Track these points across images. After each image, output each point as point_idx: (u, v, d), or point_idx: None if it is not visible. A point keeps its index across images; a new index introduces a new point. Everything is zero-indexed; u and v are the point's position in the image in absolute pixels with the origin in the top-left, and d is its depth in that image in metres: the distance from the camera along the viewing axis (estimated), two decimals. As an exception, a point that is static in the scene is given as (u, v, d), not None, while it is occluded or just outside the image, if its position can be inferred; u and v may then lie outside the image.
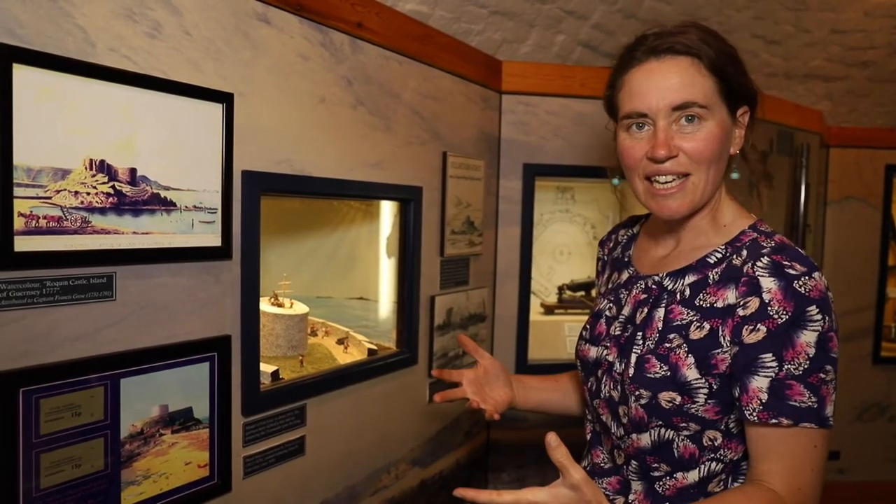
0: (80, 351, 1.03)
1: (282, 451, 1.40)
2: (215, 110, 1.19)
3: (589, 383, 1.13)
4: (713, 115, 0.96)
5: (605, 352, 1.08)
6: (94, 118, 1.01)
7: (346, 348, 1.73)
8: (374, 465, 1.67)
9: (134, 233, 1.08)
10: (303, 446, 1.45)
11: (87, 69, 1.00)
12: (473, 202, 1.99)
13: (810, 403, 0.86)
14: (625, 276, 1.15)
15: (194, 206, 1.17)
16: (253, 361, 1.30)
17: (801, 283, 0.88)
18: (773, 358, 0.88)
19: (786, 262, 0.90)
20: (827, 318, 0.88)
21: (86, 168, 1.01)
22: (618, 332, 1.07)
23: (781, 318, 0.87)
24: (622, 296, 1.11)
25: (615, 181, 1.03)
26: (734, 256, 0.97)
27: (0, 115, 0.90)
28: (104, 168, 1.03)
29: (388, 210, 1.88)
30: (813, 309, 0.87)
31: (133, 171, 1.07)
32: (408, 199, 1.72)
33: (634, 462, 1.03)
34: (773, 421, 0.87)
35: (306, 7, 1.36)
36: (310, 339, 1.76)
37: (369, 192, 1.60)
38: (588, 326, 1.17)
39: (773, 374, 0.88)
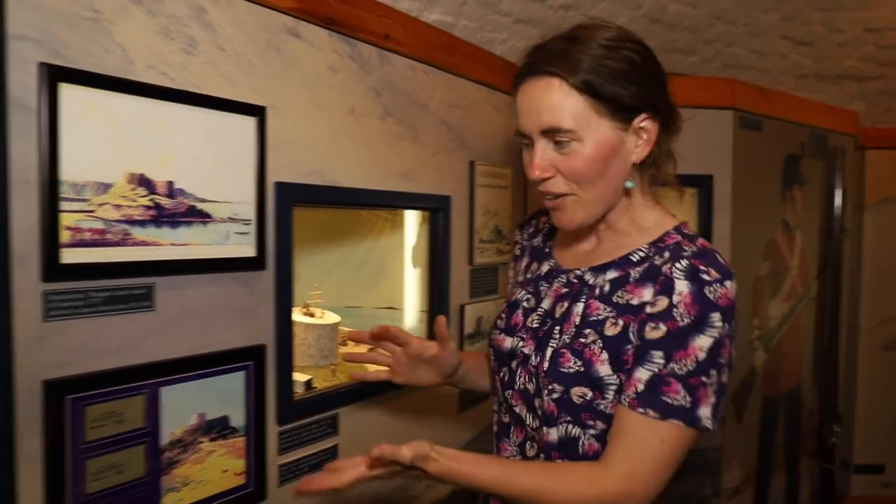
0: (122, 360, 1.05)
1: (316, 460, 1.41)
2: (248, 123, 1.22)
3: (501, 373, 1.11)
4: (587, 135, 0.94)
5: (520, 343, 1.07)
6: (134, 133, 1.04)
7: (377, 357, 1.74)
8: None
9: (172, 244, 1.10)
10: (336, 455, 1.46)
11: (126, 86, 1.03)
12: (501, 210, 2.00)
13: (683, 402, 0.90)
14: (545, 267, 1.13)
15: (229, 218, 1.19)
16: (287, 370, 1.32)
17: (711, 289, 0.91)
18: (662, 356, 0.91)
19: (702, 268, 0.92)
20: (727, 325, 0.91)
21: (126, 182, 1.04)
22: (535, 325, 1.06)
23: (683, 321, 0.90)
24: (542, 288, 1.10)
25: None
26: (657, 256, 0.98)
27: (48, 133, 0.93)
28: (144, 182, 1.06)
29: (412, 221, 1.90)
30: (716, 316, 0.90)
31: (171, 184, 1.10)
32: (436, 209, 1.73)
33: (542, 457, 1.02)
34: (641, 410, 0.90)
35: (335, 20, 1.39)
36: (340, 348, 1.77)
37: (398, 202, 1.62)
38: (503, 316, 1.14)
39: (656, 370, 0.91)
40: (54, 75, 0.94)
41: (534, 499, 0.94)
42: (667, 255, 0.97)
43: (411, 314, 1.93)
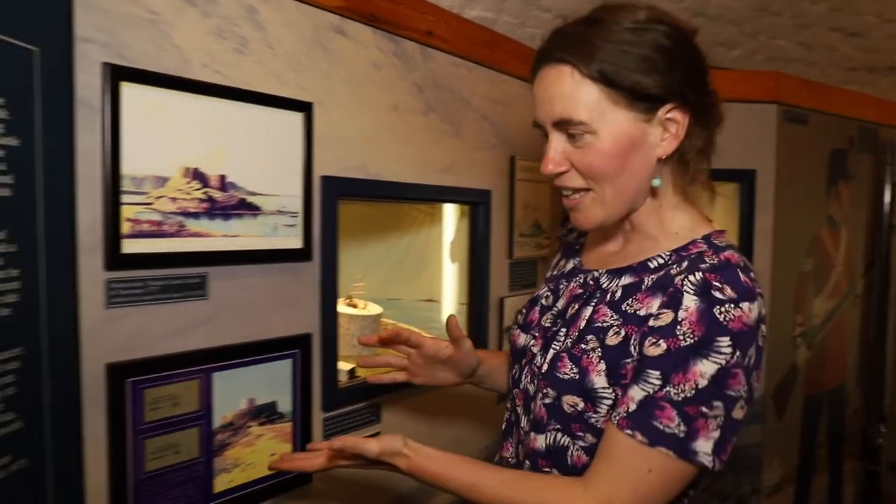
0: (178, 346, 1.10)
1: (358, 447, 1.45)
2: (296, 119, 1.26)
3: (513, 370, 1.07)
4: (602, 127, 0.86)
5: (531, 341, 1.02)
6: (189, 129, 1.09)
7: (417, 348, 1.77)
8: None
9: (224, 236, 1.15)
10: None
11: (182, 84, 1.08)
12: (541, 205, 2.01)
13: (677, 431, 0.80)
14: (570, 265, 1.09)
15: (278, 211, 1.23)
16: (332, 359, 1.36)
17: (723, 309, 0.80)
18: (660, 376, 0.82)
19: (716, 284, 0.82)
20: (738, 353, 0.80)
21: (182, 176, 1.09)
22: (548, 324, 1.01)
23: (686, 341, 0.81)
24: (561, 286, 1.05)
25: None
26: (675, 265, 0.89)
27: (111, 130, 0.98)
28: (198, 175, 1.11)
29: (450, 216, 1.92)
30: (724, 340, 0.80)
31: (223, 177, 1.14)
32: (477, 203, 1.75)
33: (528, 463, 0.98)
34: (629, 432, 0.82)
35: (379, 18, 1.42)
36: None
37: (440, 196, 1.64)
38: (523, 311, 1.10)
39: (651, 391, 0.82)
40: (117, 75, 0.99)
41: (485, 495, 0.91)
42: (685, 265, 0.87)
43: (449, 307, 1.96)
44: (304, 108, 1.26)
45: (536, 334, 1.02)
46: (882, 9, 2.75)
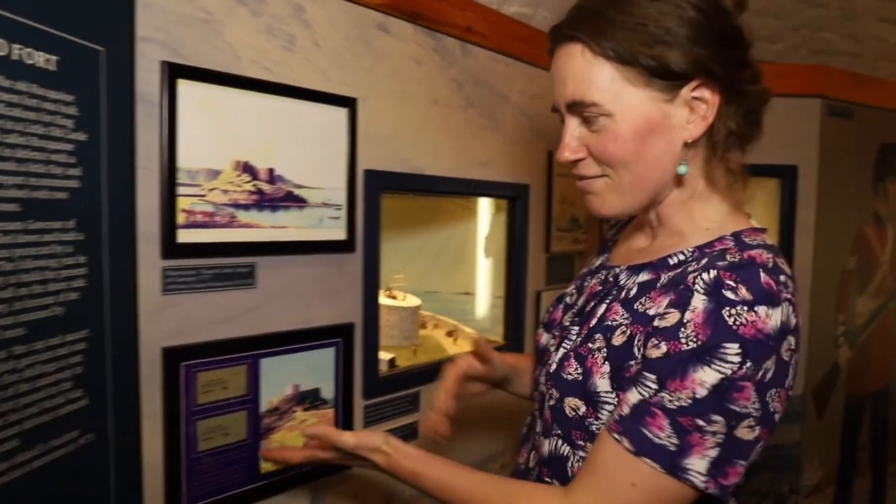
0: (227, 332, 1.15)
1: (397, 434, 1.48)
2: (341, 114, 1.29)
3: (536, 371, 1.00)
4: (618, 109, 0.79)
5: (551, 340, 0.96)
6: (240, 124, 1.14)
7: (455, 340, 1.81)
8: (481, 453, 1.74)
9: (272, 227, 1.19)
10: (416, 431, 1.53)
11: (234, 81, 1.12)
12: (578, 200, 2.02)
13: (667, 443, 0.72)
14: (598, 261, 1.03)
15: (323, 203, 1.27)
16: (373, 348, 1.40)
17: (733, 311, 0.70)
18: (656, 381, 0.74)
19: (730, 283, 0.72)
20: (748, 364, 0.70)
21: (233, 169, 1.13)
22: (567, 323, 0.95)
23: (687, 345, 0.72)
24: (586, 283, 0.99)
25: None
26: (694, 263, 0.80)
27: (168, 125, 1.03)
28: (248, 169, 1.15)
29: (485, 211, 1.95)
30: (732, 347, 0.70)
31: (271, 171, 1.19)
32: (515, 197, 1.77)
33: (536, 471, 0.93)
34: (616, 437, 0.75)
35: (421, 15, 1.45)
36: (420, 331, 1.85)
37: (479, 190, 1.67)
38: (550, 309, 1.05)
39: (645, 395, 0.74)
40: (174, 72, 1.04)
41: (458, 499, 0.87)
42: (704, 262, 0.78)
43: (484, 300, 1.98)
44: (348, 103, 1.30)
45: (556, 333, 0.96)
46: (934, -1, 2.67)
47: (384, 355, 1.49)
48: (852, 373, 2.43)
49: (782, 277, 0.74)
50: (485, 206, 1.95)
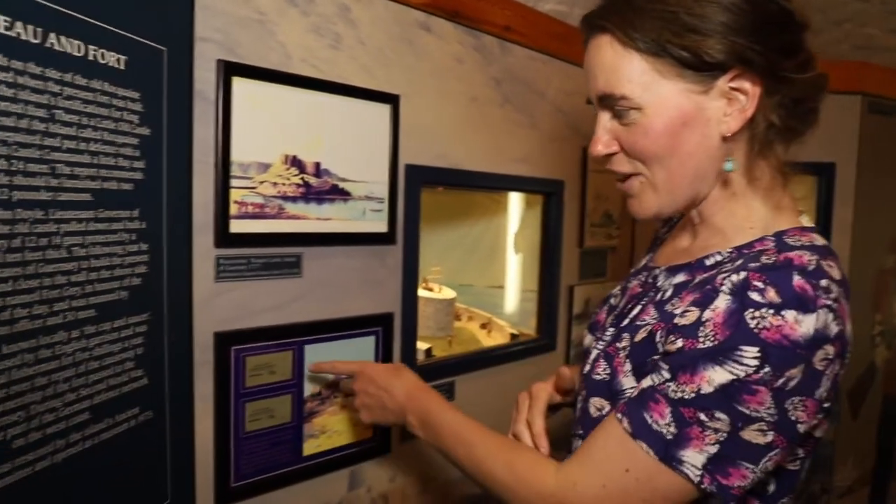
0: (274, 319, 1.21)
1: (433, 422, 1.53)
2: (384, 111, 1.34)
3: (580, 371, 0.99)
4: (648, 103, 0.76)
5: (593, 343, 0.95)
6: (289, 119, 1.19)
7: (489, 332, 1.84)
8: (513, 443, 1.77)
9: (318, 219, 1.24)
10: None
11: (284, 78, 1.17)
12: (612, 196, 2.03)
13: (665, 430, 0.70)
14: (644, 261, 1.01)
15: (366, 196, 1.32)
16: (411, 338, 1.44)
17: (756, 314, 0.66)
18: (668, 371, 0.72)
19: (757, 285, 0.68)
20: (767, 368, 0.66)
21: (282, 163, 1.18)
22: (608, 325, 0.93)
23: (704, 344, 0.69)
24: (629, 284, 0.97)
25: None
26: (730, 264, 0.77)
27: (223, 120, 1.09)
28: (296, 162, 1.20)
29: (516, 207, 1.98)
30: (750, 350, 0.66)
31: (318, 164, 1.24)
32: (550, 192, 1.80)
33: None
34: (619, 416, 0.74)
35: (461, 13, 1.48)
36: (454, 323, 1.89)
37: (515, 186, 1.70)
38: (596, 310, 1.03)
39: (655, 383, 0.73)
40: (230, 70, 1.09)
41: (465, 455, 0.89)
42: (738, 263, 0.74)
43: (513, 294, 2.02)
44: (391, 100, 1.34)
45: (598, 336, 0.94)
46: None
47: (421, 345, 1.53)
48: (889, 373, 2.40)
49: (823, 282, 0.68)
50: (515, 202, 1.98)
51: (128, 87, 0.91)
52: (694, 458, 0.69)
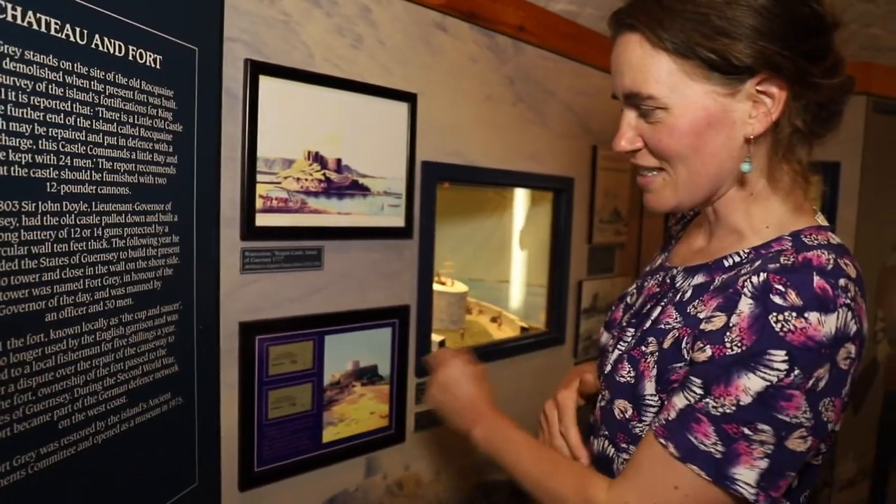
0: (296, 310, 1.25)
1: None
2: (402, 109, 1.38)
3: (598, 369, 1.01)
4: (675, 103, 0.76)
5: (610, 341, 0.97)
6: (312, 116, 1.22)
7: (499, 325, 1.88)
8: (522, 434, 1.81)
9: (338, 213, 1.28)
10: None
11: (308, 77, 1.21)
12: (620, 193, 2.07)
13: (713, 450, 0.71)
14: (659, 260, 1.01)
15: (384, 192, 1.36)
16: (426, 329, 1.48)
17: (780, 317, 0.67)
18: (701, 385, 0.72)
19: (779, 287, 0.69)
20: (797, 371, 0.67)
21: (305, 159, 1.22)
22: (625, 324, 0.94)
23: (732, 350, 0.69)
24: (646, 283, 0.97)
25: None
26: (749, 265, 0.78)
27: (249, 117, 1.13)
28: (318, 158, 1.24)
29: (521, 204, 2.01)
30: (778, 354, 0.67)
31: (339, 160, 1.28)
32: (560, 189, 1.83)
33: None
34: (662, 441, 0.74)
35: (477, 14, 1.52)
36: (466, 316, 1.93)
37: (526, 182, 1.74)
38: (612, 308, 1.04)
39: (692, 401, 0.73)
40: (257, 69, 1.13)
41: (521, 476, 0.90)
42: (757, 264, 0.75)
43: (517, 288, 2.07)
44: (409, 98, 1.38)
45: (615, 333, 0.95)
46: None
47: (435, 337, 1.57)
48: (891, 369, 2.44)
49: (842, 281, 0.69)
50: (521, 199, 2.01)
51: (163, 85, 0.95)
52: (746, 474, 0.70)
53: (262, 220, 1.17)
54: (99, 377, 0.87)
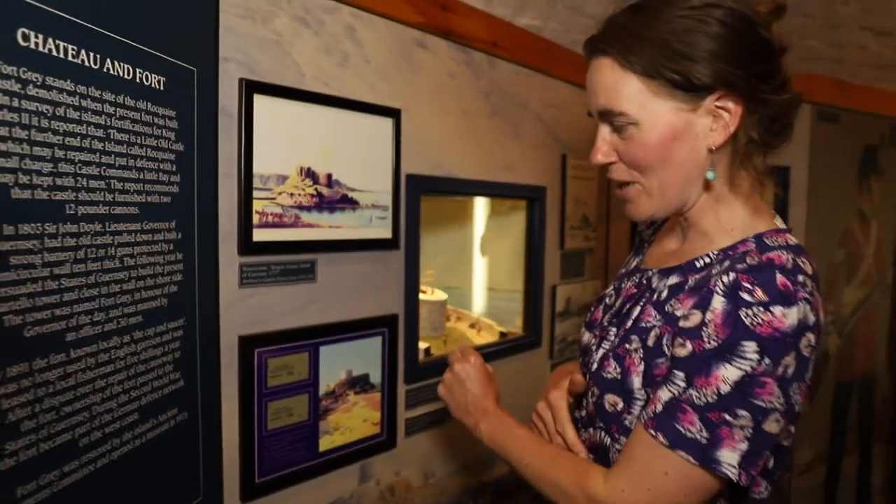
0: (292, 322, 1.27)
1: (433, 417, 1.61)
2: (387, 124, 1.42)
3: (582, 368, 1.07)
4: (644, 118, 0.85)
5: (592, 340, 1.04)
6: (303, 133, 1.26)
7: (478, 331, 1.94)
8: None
9: (330, 226, 1.31)
10: (448, 415, 1.65)
11: (299, 95, 1.24)
12: (589, 201, 2.16)
13: (699, 437, 0.78)
14: (634, 263, 1.09)
15: (372, 205, 1.40)
16: (414, 337, 1.53)
17: (749, 312, 0.75)
18: (684, 378, 0.80)
19: (746, 286, 0.77)
20: (767, 360, 0.75)
21: (298, 174, 1.25)
22: (606, 324, 1.01)
23: (709, 344, 0.77)
24: (623, 285, 1.05)
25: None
26: (718, 265, 0.86)
27: (245, 135, 1.15)
28: (310, 174, 1.27)
29: (481, 212, 2.08)
30: (749, 345, 0.75)
31: (330, 175, 1.31)
32: (533, 198, 1.90)
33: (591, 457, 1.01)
34: (652, 433, 0.81)
35: (453, 31, 1.57)
36: (446, 324, 1.97)
37: (503, 192, 1.80)
38: (591, 309, 1.12)
39: (676, 393, 0.80)
40: (251, 88, 1.16)
41: (524, 469, 0.97)
42: (726, 264, 0.84)
43: (479, 293, 2.15)
44: (393, 113, 1.42)
45: (597, 333, 1.03)
46: (912, 9, 2.84)
47: (421, 344, 1.61)
48: (840, 359, 2.59)
49: (800, 277, 0.78)
50: (480, 209, 2.08)
51: (166, 106, 0.97)
52: (729, 457, 0.77)
53: (258, 235, 1.19)
54: (114, 394, 0.88)
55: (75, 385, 0.81)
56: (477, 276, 2.19)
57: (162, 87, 0.96)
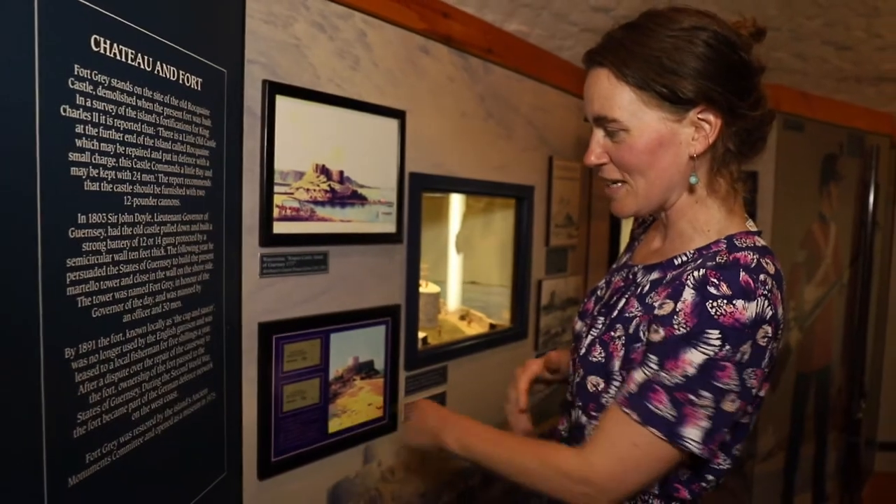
0: (306, 310, 1.35)
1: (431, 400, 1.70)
2: (393, 125, 1.50)
3: (572, 355, 1.15)
4: (635, 126, 0.94)
5: (583, 327, 1.12)
6: (318, 132, 1.33)
7: (469, 323, 2.03)
8: (495, 420, 1.96)
9: (341, 221, 1.39)
10: (444, 400, 1.75)
11: (315, 96, 1.32)
12: (572, 200, 2.27)
13: (668, 415, 0.87)
14: (624, 258, 1.18)
15: (378, 201, 1.48)
16: (414, 326, 1.61)
17: (715, 304, 0.85)
18: (657, 361, 0.89)
19: (713, 280, 0.86)
20: (728, 347, 0.84)
21: (313, 171, 1.33)
22: (596, 313, 1.10)
23: (679, 331, 0.86)
24: (613, 279, 1.14)
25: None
26: (693, 263, 0.95)
27: (267, 134, 1.23)
28: (324, 171, 1.35)
29: (457, 210, 2.18)
30: (713, 333, 0.84)
31: (341, 172, 1.39)
32: (523, 197, 2.01)
33: (568, 436, 1.11)
34: (626, 410, 0.90)
35: (452, 37, 1.66)
36: (439, 316, 2.06)
37: (496, 191, 1.90)
38: (584, 300, 1.20)
39: (649, 374, 0.89)
40: (274, 89, 1.23)
41: (492, 462, 1.04)
42: (699, 262, 0.92)
43: (454, 288, 2.25)
44: (399, 115, 1.51)
45: (588, 322, 1.12)
46: (870, 25, 3.04)
47: (420, 334, 1.70)
48: (801, 352, 2.77)
49: (762, 276, 0.87)
50: (456, 206, 2.17)
51: (203, 105, 1.04)
52: (693, 433, 0.87)
53: (278, 227, 1.26)
54: (158, 373, 0.95)
55: (129, 363, 0.88)
56: (452, 272, 2.26)
57: (199, 88, 1.03)
